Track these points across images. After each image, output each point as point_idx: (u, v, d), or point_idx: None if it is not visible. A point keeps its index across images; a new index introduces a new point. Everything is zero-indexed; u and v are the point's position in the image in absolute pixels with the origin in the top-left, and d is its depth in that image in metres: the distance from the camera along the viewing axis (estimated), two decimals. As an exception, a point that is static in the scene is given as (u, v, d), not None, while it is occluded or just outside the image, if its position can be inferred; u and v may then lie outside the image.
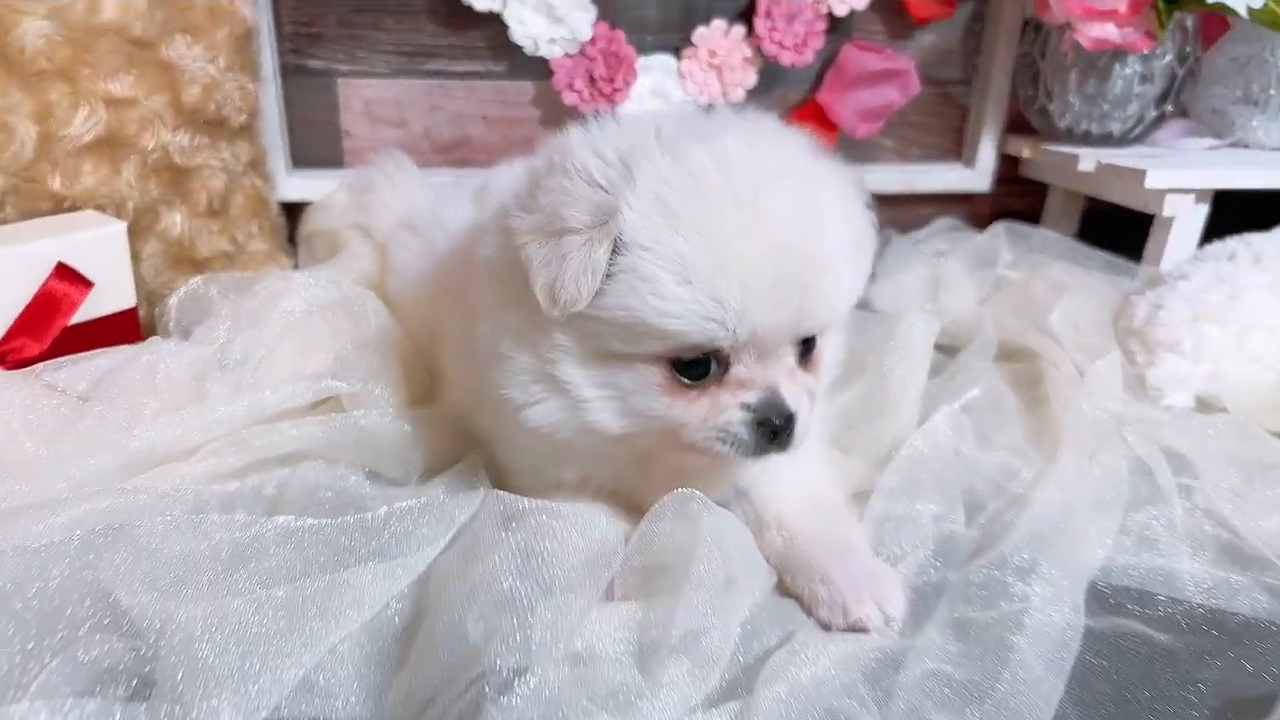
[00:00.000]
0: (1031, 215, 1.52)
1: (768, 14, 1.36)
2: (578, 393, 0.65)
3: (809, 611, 0.69)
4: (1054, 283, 1.19)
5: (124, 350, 0.85)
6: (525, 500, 0.68)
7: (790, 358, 0.66)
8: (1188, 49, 1.29)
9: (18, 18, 0.97)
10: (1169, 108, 1.33)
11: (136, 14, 1.03)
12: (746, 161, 0.63)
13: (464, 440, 0.86)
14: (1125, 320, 1.11)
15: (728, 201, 0.60)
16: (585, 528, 0.66)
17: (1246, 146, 1.39)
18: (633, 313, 0.60)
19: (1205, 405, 1.01)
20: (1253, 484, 0.87)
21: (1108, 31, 1.18)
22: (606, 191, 0.61)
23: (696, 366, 0.63)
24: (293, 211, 1.38)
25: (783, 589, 0.73)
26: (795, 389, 0.65)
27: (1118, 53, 1.26)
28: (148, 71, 1.07)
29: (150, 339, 0.84)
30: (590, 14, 1.34)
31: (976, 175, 1.55)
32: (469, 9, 1.33)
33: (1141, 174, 1.19)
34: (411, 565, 0.65)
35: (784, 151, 0.66)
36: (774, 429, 0.64)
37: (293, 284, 0.94)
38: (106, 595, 0.59)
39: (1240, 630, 0.72)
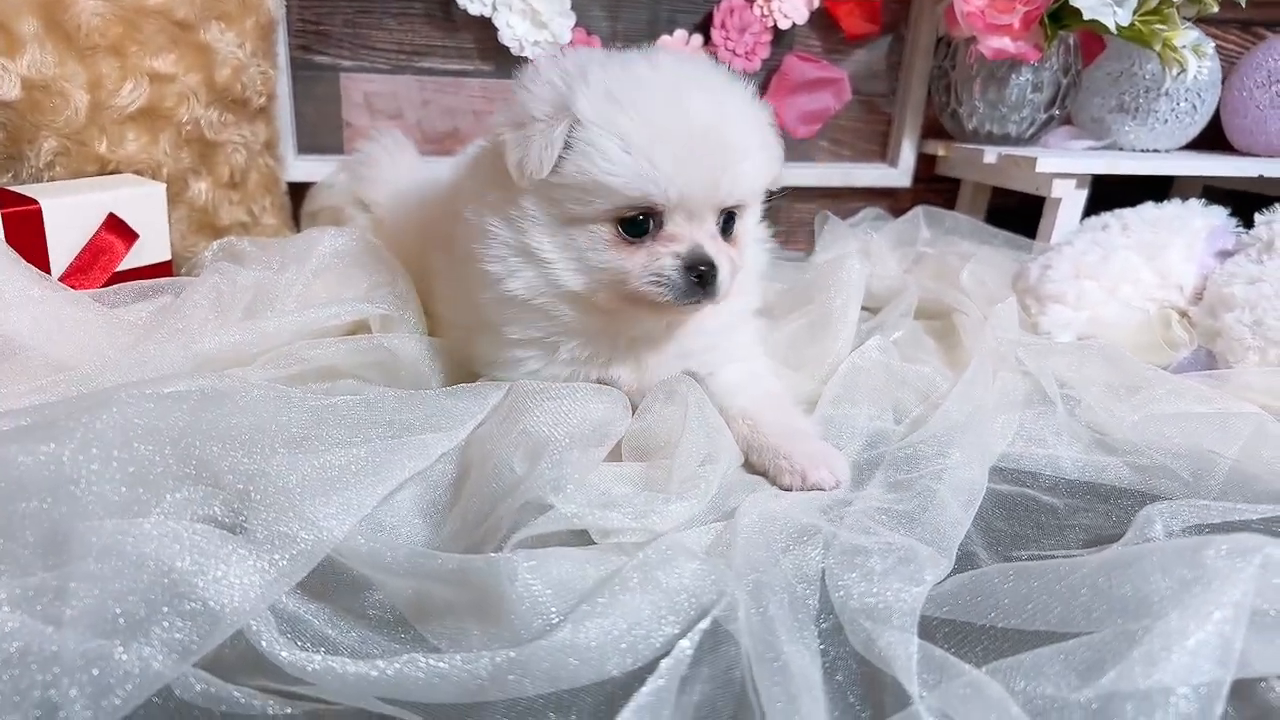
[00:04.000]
0: (946, 208, 1.71)
1: (722, 25, 1.53)
2: (544, 255, 0.79)
3: (773, 481, 0.82)
4: (964, 254, 1.38)
5: (186, 279, 0.96)
6: (547, 385, 0.81)
7: (712, 224, 0.81)
8: (1070, 62, 1.51)
9: (76, -3, 1.07)
10: (1056, 112, 1.54)
11: (181, -1, 1.15)
12: (675, 70, 0.79)
13: (467, 372, 0.96)
14: (1022, 281, 1.29)
15: (660, 95, 0.76)
16: (597, 398, 0.79)
17: (1121, 148, 1.61)
18: (588, 175, 0.75)
19: (1085, 344, 1.19)
20: (1118, 397, 1.02)
21: (1004, 43, 1.38)
22: (565, 87, 0.77)
23: (637, 225, 0.78)
24: (297, 193, 1.48)
25: (748, 467, 0.85)
26: (716, 248, 0.80)
27: (1013, 63, 1.47)
28: (187, 52, 1.17)
29: (212, 266, 0.95)
30: (570, 20, 1.49)
31: (899, 173, 1.74)
32: (463, 13, 1.47)
33: (1033, 161, 1.39)
34: (457, 433, 0.76)
35: (704, 67, 0.83)
36: (699, 274, 0.78)
37: (326, 234, 1.04)
38: (214, 448, 0.70)
39: (1108, 493, 0.86)
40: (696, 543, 0.70)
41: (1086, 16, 1.32)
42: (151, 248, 1.12)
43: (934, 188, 1.78)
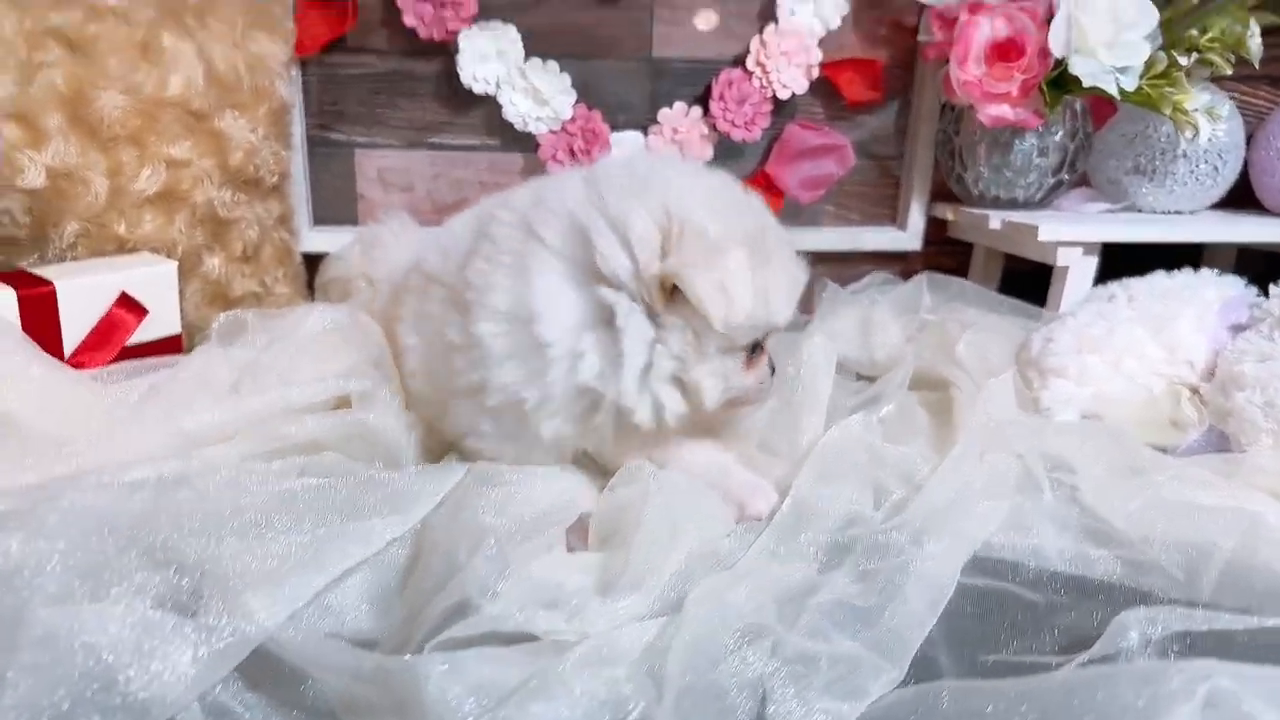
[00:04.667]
0: (959, 272, 1.65)
1: (721, 97, 1.54)
2: (700, 383, 0.82)
3: None
4: (965, 322, 1.33)
5: (180, 357, 0.99)
6: (501, 467, 0.80)
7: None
8: (1077, 126, 1.46)
9: (98, 92, 1.13)
10: (1065, 177, 1.49)
11: (196, 91, 1.19)
12: (759, 207, 0.88)
13: (440, 442, 0.97)
14: (1024, 353, 1.23)
15: (776, 237, 0.86)
16: (550, 481, 0.78)
17: (1139, 210, 1.55)
18: (765, 317, 0.82)
19: (1089, 422, 1.13)
20: (1116, 482, 0.94)
21: (1002, 111, 1.35)
22: (733, 233, 0.80)
23: (757, 346, 0.87)
24: (312, 262, 1.52)
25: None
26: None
27: (1016, 129, 1.44)
28: (202, 138, 1.22)
29: (201, 346, 0.97)
30: (571, 97, 1.52)
31: (908, 236, 1.71)
32: (468, 92, 1.51)
33: (1035, 229, 1.35)
34: (410, 517, 0.75)
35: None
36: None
37: (314, 310, 1.06)
38: (165, 536, 0.70)
39: (1094, 589, 0.79)
40: (637, 640, 0.67)
41: (1086, 84, 1.29)
42: (162, 322, 1.15)
43: (946, 251, 1.73)
